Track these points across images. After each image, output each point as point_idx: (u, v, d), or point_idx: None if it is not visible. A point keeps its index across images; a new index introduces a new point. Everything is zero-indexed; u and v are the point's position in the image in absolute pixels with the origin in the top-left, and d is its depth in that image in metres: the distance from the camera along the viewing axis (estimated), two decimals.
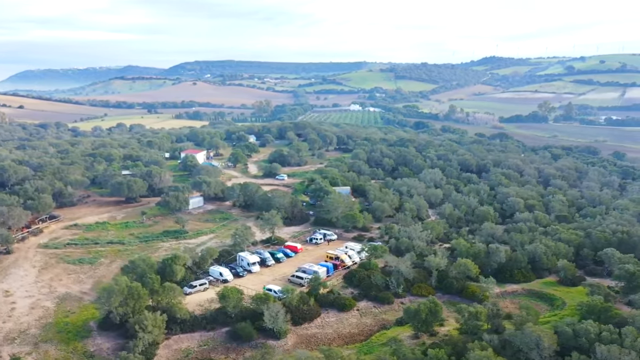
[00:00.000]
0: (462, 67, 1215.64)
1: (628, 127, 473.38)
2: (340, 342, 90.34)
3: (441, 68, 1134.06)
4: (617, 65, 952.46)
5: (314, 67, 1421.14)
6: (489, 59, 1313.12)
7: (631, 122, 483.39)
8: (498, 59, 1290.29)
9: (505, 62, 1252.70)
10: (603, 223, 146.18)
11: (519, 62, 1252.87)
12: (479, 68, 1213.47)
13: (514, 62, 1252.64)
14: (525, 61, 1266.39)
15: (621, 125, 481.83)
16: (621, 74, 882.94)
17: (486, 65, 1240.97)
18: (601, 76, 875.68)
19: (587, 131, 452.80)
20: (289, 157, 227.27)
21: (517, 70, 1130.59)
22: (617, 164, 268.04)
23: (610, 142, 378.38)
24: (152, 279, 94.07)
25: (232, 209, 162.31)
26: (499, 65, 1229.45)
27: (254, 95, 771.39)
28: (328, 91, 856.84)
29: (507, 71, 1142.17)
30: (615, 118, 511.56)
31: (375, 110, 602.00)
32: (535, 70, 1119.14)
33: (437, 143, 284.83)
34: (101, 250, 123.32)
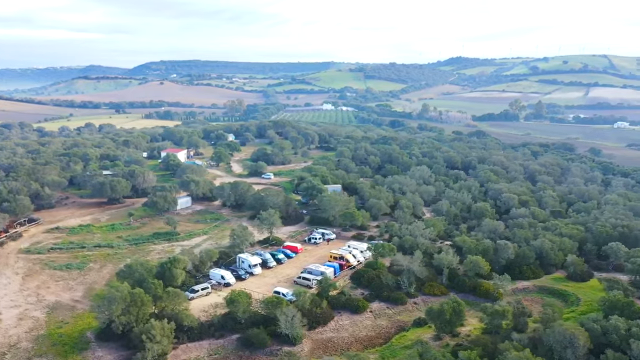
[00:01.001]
0: (429, 67, 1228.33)
1: (596, 124, 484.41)
2: (358, 347, 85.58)
3: (409, 68, 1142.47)
4: (579, 65, 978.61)
5: (281, 67, 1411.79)
6: (456, 59, 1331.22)
7: (599, 120, 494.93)
8: (464, 60, 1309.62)
9: (471, 63, 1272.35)
10: (600, 218, 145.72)
11: (484, 63, 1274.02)
12: (446, 68, 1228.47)
13: (479, 63, 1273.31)
14: (491, 61, 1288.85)
15: (590, 123, 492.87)
16: (583, 74, 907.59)
17: (453, 66, 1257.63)
18: (565, 76, 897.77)
19: (558, 129, 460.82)
20: (273, 155, 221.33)
21: (483, 71, 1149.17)
22: (595, 160, 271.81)
23: (582, 140, 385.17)
24: (155, 284, 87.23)
25: (222, 209, 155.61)
26: (466, 65, 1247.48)
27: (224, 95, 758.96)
28: (298, 91, 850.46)
29: (474, 71, 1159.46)
30: (583, 116, 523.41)
31: (348, 109, 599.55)
32: (501, 71, 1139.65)
33: (420, 141, 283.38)
34: (89, 255, 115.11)
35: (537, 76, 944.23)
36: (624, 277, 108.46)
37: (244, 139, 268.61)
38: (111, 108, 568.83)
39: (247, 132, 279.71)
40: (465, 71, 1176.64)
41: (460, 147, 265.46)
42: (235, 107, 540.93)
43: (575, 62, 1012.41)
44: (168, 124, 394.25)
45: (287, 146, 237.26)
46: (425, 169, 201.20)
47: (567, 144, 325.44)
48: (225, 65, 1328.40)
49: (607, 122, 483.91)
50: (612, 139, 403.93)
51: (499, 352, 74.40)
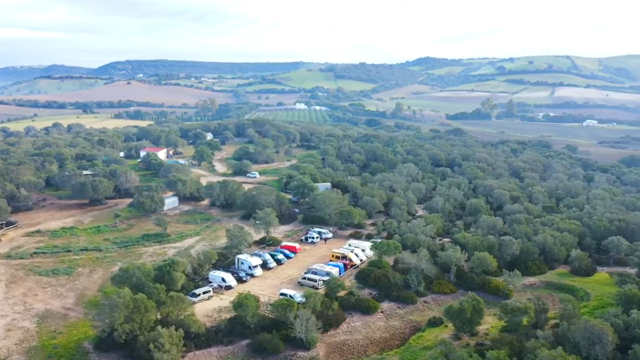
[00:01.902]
0: (398, 67, 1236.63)
1: (566, 123, 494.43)
2: (375, 349, 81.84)
3: (379, 68, 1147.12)
4: (545, 65, 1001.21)
5: (250, 67, 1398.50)
6: (424, 59, 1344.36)
7: (568, 119, 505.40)
8: (432, 60, 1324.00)
9: (439, 63, 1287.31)
10: (593, 212, 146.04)
11: (452, 63, 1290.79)
12: (415, 68, 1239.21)
13: (447, 63, 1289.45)
14: (458, 62, 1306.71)
15: (559, 121, 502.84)
16: (549, 74, 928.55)
17: (421, 66, 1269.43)
18: (531, 76, 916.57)
19: (530, 127, 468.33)
20: (256, 154, 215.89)
21: (452, 70, 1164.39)
22: (572, 156, 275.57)
23: (555, 137, 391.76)
24: (157, 288, 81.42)
25: (210, 208, 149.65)
26: (434, 65, 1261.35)
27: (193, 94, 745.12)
28: (269, 91, 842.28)
29: (442, 71, 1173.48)
30: (552, 115, 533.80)
31: (321, 108, 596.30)
32: (468, 71, 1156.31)
33: (401, 139, 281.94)
34: (76, 259, 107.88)
35: (504, 76, 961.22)
36: (630, 271, 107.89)
37: (223, 138, 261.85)
38: (78, 108, 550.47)
39: (225, 130, 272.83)
40: (434, 71, 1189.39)
41: (442, 144, 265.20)
42: (207, 106, 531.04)
43: (540, 63, 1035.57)
44: (140, 124, 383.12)
45: (270, 145, 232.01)
46: (413, 166, 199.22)
47: (543, 141, 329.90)
48: (193, 65, 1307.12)
49: (577, 121, 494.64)
50: (583, 136, 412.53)
51: (527, 351, 71.85)
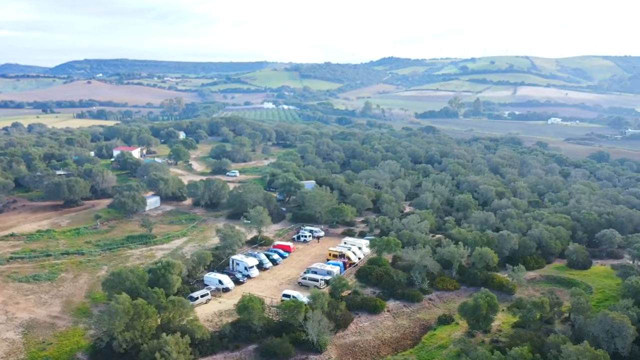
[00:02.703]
0: (363, 67, 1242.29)
1: (531, 120, 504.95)
2: (388, 350, 78.48)
3: (344, 68, 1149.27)
4: (506, 65, 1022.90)
5: (214, 67, 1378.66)
6: (388, 59, 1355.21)
7: (533, 117, 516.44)
8: (396, 60, 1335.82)
9: (403, 63, 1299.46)
10: (578, 206, 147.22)
11: (415, 63, 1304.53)
12: (380, 68, 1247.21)
13: (411, 63, 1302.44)
14: (421, 62, 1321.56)
15: (525, 119, 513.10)
16: (510, 74, 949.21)
17: (386, 66, 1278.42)
18: (493, 75, 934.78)
19: (497, 125, 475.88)
20: (234, 152, 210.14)
21: (416, 70, 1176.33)
22: (545, 153, 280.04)
23: (523, 135, 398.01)
24: (157, 293, 75.96)
25: (194, 208, 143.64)
26: (398, 65, 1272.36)
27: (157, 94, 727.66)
28: (234, 90, 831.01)
29: (406, 71, 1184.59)
30: (518, 113, 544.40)
31: (289, 107, 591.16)
32: (432, 70, 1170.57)
33: (378, 136, 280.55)
34: (57, 264, 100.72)
35: (467, 76, 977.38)
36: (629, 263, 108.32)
37: (196, 137, 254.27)
38: (36, 108, 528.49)
39: (199, 129, 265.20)
40: (398, 71, 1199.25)
41: (419, 142, 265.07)
42: (174, 105, 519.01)
43: (501, 63, 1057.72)
44: (106, 124, 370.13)
45: (247, 143, 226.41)
46: (395, 163, 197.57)
47: (514, 138, 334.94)
48: (155, 65, 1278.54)
49: (541, 118, 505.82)
50: (549, 133, 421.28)
51: (548, 347, 70.06)
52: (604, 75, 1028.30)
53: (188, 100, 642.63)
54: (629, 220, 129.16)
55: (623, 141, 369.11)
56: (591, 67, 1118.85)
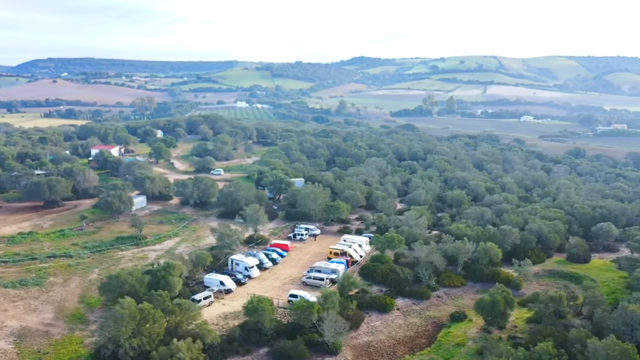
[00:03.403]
0: (334, 66, 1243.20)
1: (503, 118, 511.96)
2: (404, 349, 75.74)
3: (316, 67, 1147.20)
4: (475, 65, 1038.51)
5: (183, 66, 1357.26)
6: (358, 59, 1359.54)
7: (505, 115, 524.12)
8: (367, 59, 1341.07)
9: (374, 62, 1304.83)
10: (568, 200, 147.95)
11: (386, 62, 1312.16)
12: (351, 67, 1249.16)
13: (381, 62, 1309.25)
14: (392, 61, 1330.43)
15: (497, 117, 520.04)
16: (479, 73, 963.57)
17: (356, 65, 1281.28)
18: (463, 75, 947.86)
19: (471, 123, 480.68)
20: (216, 150, 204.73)
21: (386, 70, 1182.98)
22: (523, 149, 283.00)
23: (498, 132, 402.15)
24: (162, 296, 71.49)
25: (182, 207, 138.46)
26: (369, 65, 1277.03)
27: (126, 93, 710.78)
28: (205, 89, 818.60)
29: (377, 70, 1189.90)
30: (490, 111, 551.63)
31: (263, 106, 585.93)
32: (402, 70, 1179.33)
33: (359, 134, 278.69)
34: (44, 267, 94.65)
35: (438, 75, 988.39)
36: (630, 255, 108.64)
37: (175, 135, 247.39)
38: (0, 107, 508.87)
39: (177, 127, 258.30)
40: (369, 70, 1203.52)
41: (400, 139, 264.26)
42: (145, 105, 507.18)
43: (470, 62, 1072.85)
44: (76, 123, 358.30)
45: (229, 141, 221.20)
46: (381, 160, 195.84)
47: (492, 135, 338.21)
48: (122, 64, 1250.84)
49: (514, 116, 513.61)
50: (523, 131, 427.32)
51: (571, 342, 68.47)
52: (569, 75, 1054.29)
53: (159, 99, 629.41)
54: (622, 213, 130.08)
55: (595, 138, 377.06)
56: (556, 67, 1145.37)
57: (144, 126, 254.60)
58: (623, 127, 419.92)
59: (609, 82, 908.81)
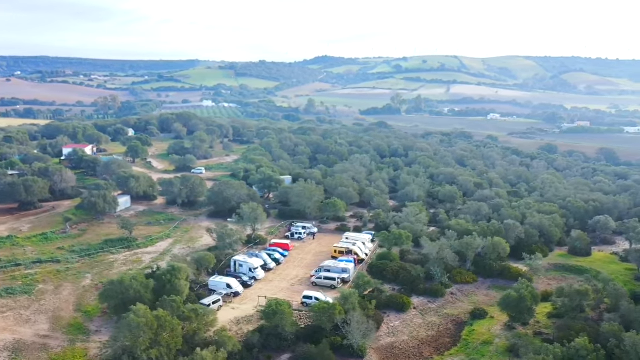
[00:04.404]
0: (298, 65, 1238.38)
1: (470, 117, 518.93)
2: (430, 350, 72.48)
3: (279, 66, 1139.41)
4: (438, 65, 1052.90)
5: (143, 65, 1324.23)
6: (322, 58, 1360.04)
7: (472, 113, 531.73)
8: (330, 59, 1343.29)
9: (337, 62, 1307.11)
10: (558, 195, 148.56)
11: (349, 62, 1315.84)
12: (314, 67, 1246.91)
13: (345, 62, 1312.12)
14: (355, 61, 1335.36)
15: (464, 115, 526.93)
16: (442, 73, 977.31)
17: (320, 65, 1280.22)
18: (426, 74, 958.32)
19: (440, 121, 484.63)
20: (195, 149, 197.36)
21: (350, 69, 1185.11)
22: (498, 146, 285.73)
23: (467, 130, 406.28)
24: (176, 302, 65.91)
25: (168, 208, 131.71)
26: (332, 64, 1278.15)
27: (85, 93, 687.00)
28: (168, 89, 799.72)
29: (341, 70, 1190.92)
30: (457, 109, 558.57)
31: (230, 105, 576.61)
32: (366, 69, 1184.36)
33: (336, 132, 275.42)
34: (31, 274, 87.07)
35: (402, 74, 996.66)
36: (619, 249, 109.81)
37: (148, 134, 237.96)
38: None
39: (149, 126, 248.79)
40: (333, 70, 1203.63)
41: (378, 136, 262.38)
42: (108, 104, 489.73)
43: (433, 62, 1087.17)
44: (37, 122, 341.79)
45: (207, 139, 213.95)
46: (366, 157, 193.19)
47: (465, 132, 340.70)
48: (80, 63, 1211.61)
49: (480, 114, 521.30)
50: (491, 128, 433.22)
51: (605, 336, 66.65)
52: (528, 75, 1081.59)
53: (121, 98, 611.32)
54: (615, 206, 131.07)
55: (561, 135, 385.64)
56: (515, 67, 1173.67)
57: (114, 125, 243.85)
58: (586, 124, 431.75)
59: (566, 81, 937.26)
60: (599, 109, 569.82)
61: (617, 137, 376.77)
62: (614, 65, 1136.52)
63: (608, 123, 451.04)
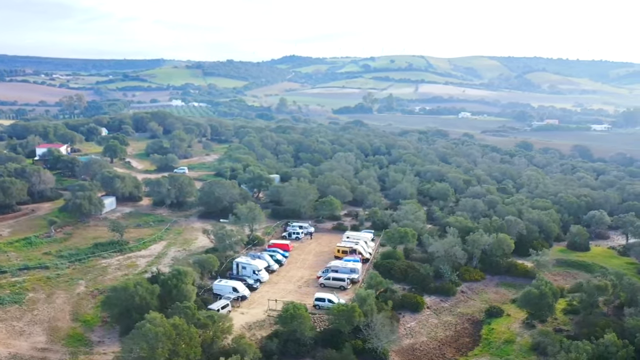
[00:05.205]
0: (266, 65, 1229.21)
1: (442, 115, 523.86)
2: (452, 351, 70.17)
3: (247, 66, 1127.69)
4: (405, 64, 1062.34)
5: (106, 64, 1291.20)
6: (290, 57, 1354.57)
7: (443, 111, 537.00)
8: (298, 58, 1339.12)
9: (305, 61, 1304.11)
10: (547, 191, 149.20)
11: (317, 61, 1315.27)
12: (282, 66, 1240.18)
13: (313, 61, 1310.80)
14: (323, 60, 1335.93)
15: (436, 114, 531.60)
16: (410, 72, 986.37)
17: (288, 64, 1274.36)
18: (394, 74, 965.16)
19: (412, 119, 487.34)
20: (175, 148, 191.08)
21: (318, 69, 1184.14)
22: (475, 144, 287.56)
23: (441, 128, 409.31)
24: (191, 308, 61.57)
25: (156, 209, 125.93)
26: (300, 63, 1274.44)
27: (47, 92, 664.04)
28: (134, 88, 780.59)
29: (309, 69, 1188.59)
30: (428, 108, 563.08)
31: (201, 105, 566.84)
32: (334, 69, 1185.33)
33: (315, 130, 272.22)
34: (19, 282, 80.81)
35: (370, 74, 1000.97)
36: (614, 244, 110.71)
37: (123, 133, 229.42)
38: None
39: (124, 125, 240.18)
40: (301, 69, 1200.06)
41: (359, 134, 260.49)
42: (74, 104, 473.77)
43: (401, 62, 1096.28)
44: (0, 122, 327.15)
45: (186, 138, 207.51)
46: (351, 155, 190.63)
47: (441, 131, 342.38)
48: (39, 61, 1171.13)
49: (451, 113, 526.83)
50: (463, 127, 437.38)
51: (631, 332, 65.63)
52: (493, 74, 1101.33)
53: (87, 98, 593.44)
54: (606, 201, 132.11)
55: (532, 133, 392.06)
56: (480, 67, 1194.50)
57: (86, 124, 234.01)
58: (555, 122, 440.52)
59: (530, 81, 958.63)
60: (565, 108, 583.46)
61: (585, 134, 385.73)
62: (574, 65, 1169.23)
63: (575, 121, 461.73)
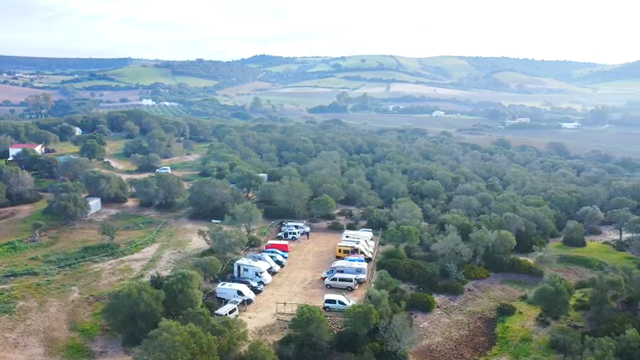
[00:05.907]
0: (236, 64, 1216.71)
1: (416, 114, 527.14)
2: (469, 351, 68.56)
3: (217, 65, 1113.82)
4: (376, 64, 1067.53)
5: (71, 63, 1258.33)
6: (260, 57, 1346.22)
7: (417, 110, 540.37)
8: (268, 57, 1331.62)
9: (275, 61, 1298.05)
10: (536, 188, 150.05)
11: (287, 61, 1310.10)
12: (253, 66, 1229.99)
13: (283, 61, 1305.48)
14: (293, 60, 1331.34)
15: (410, 113, 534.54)
16: (381, 72, 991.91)
17: (258, 64, 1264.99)
18: (365, 73, 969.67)
19: (388, 118, 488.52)
20: (155, 147, 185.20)
21: (289, 68, 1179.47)
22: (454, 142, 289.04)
23: (416, 126, 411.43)
24: (204, 314, 58.05)
25: (143, 210, 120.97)
26: (270, 63, 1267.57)
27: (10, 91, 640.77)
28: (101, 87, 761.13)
29: (280, 69, 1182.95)
30: (402, 107, 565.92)
31: (172, 104, 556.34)
32: (305, 68, 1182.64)
33: (295, 129, 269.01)
34: (7, 290, 75.47)
35: (342, 73, 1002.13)
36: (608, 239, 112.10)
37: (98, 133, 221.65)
38: None
39: (99, 124, 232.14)
40: (272, 69, 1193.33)
41: (341, 133, 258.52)
42: (40, 103, 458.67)
43: (371, 61, 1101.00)
44: None
45: (167, 137, 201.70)
46: (337, 153, 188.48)
47: (419, 129, 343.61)
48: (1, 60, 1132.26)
49: (425, 112, 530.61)
50: (438, 125, 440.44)
51: None
52: (461, 74, 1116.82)
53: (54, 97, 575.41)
54: (596, 197, 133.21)
55: (506, 131, 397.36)
56: (449, 66, 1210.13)
57: (58, 123, 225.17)
58: (527, 120, 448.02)
59: (498, 80, 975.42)
60: (535, 106, 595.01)
61: (557, 132, 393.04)
62: (539, 65, 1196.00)
63: (546, 119, 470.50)
